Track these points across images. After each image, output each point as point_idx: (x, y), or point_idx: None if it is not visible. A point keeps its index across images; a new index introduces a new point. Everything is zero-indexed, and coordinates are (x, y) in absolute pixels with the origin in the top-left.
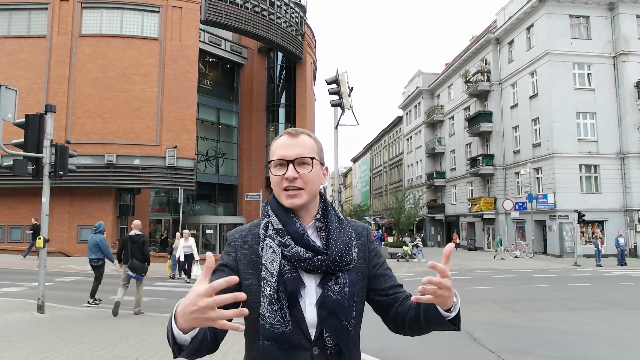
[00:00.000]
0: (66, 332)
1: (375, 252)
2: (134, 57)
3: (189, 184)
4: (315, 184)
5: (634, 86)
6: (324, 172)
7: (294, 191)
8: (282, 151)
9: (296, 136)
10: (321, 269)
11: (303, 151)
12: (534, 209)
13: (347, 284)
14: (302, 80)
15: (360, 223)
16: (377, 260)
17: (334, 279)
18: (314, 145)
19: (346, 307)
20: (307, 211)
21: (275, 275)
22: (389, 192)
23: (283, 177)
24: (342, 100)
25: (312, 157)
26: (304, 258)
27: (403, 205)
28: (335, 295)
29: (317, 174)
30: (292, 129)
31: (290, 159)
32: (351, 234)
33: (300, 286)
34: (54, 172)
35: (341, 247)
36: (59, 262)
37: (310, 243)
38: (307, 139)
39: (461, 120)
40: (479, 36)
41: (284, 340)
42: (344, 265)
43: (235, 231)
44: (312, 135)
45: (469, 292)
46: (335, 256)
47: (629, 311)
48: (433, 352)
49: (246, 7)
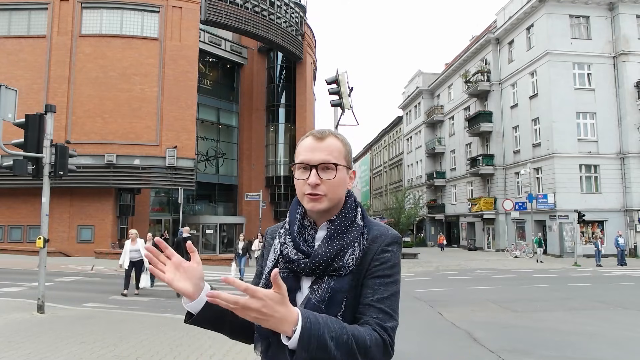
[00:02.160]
0: (66, 332)
1: (382, 261)
2: (134, 57)
3: (189, 184)
4: (338, 190)
5: (634, 86)
6: (350, 175)
7: (316, 196)
8: (305, 154)
9: (322, 139)
10: (305, 271)
11: (328, 156)
12: (534, 209)
13: (330, 289)
14: (302, 80)
15: (386, 230)
16: (376, 269)
17: (320, 283)
18: (341, 148)
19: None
20: (327, 213)
21: (267, 273)
22: (389, 192)
23: (306, 181)
24: (342, 100)
25: (337, 164)
26: (292, 259)
27: (403, 205)
28: (313, 300)
29: (342, 180)
30: (319, 131)
31: (314, 163)
32: (355, 240)
33: (292, 286)
34: (54, 172)
35: (329, 251)
36: (59, 262)
37: (301, 245)
38: (333, 141)
39: (461, 120)
40: (479, 36)
41: (269, 336)
42: (332, 271)
43: (270, 227)
44: (340, 136)
45: (469, 292)
46: (319, 260)
47: (629, 311)
48: (433, 352)
49: (246, 7)
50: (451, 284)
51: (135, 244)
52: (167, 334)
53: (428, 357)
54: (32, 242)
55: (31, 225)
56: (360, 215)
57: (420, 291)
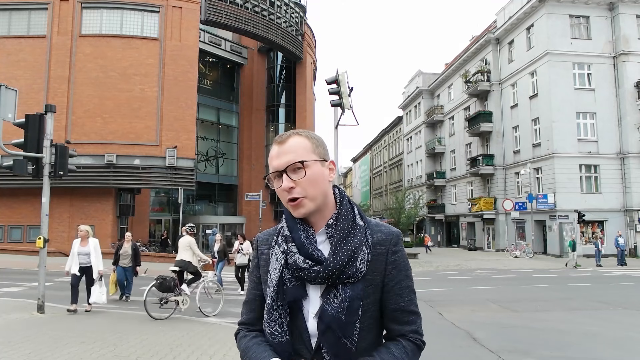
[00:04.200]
0: (66, 332)
1: (396, 264)
2: (134, 57)
3: (189, 184)
4: (316, 186)
5: (634, 86)
6: (328, 167)
7: (295, 201)
8: (274, 162)
9: (283, 142)
10: (317, 280)
11: (292, 157)
12: (534, 209)
13: (347, 298)
14: (302, 80)
15: (389, 229)
16: (395, 273)
17: (335, 292)
18: (307, 144)
19: (344, 324)
20: (321, 216)
21: (275, 284)
22: (389, 192)
23: (282, 188)
24: (342, 100)
25: (303, 161)
26: (301, 267)
27: (403, 205)
28: (332, 310)
29: (316, 175)
30: (280, 135)
31: (281, 168)
32: (362, 243)
33: (301, 295)
34: (54, 172)
35: (342, 258)
36: (59, 262)
37: (310, 252)
38: (296, 140)
39: (461, 120)
40: (479, 36)
41: (281, 350)
42: (345, 278)
43: (260, 235)
44: (303, 133)
45: (469, 292)
46: (333, 268)
47: (629, 311)
48: (433, 352)
49: (246, 7)
50: (451, 284)
51: (85, 244)
52: (167, 334)
53: (428, 357)
54: (32, 242)
55: (31, 225)
56: (358, 215)
57: (420, 291)
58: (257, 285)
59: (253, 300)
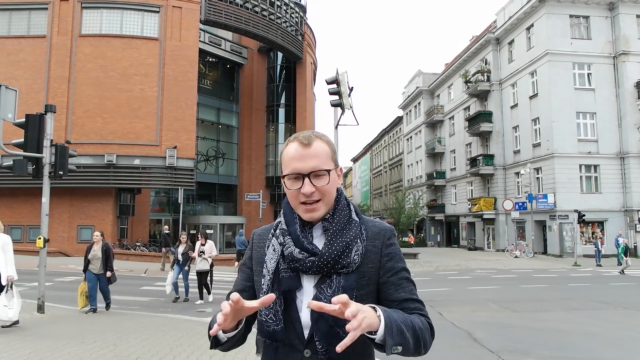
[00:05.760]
0: (66, 332)
1: (391, 256)
2: (134, 57)
3: (189, 184)
4: (332, 193)
5: (634, 86)
6: (338, 173)
7: (312, 205)
8: (295, 164)
9: (309, 145)
10: (312, 270)
11: (318, 163)
12: (534, 209)
13: (341, 288)
14: (302, 80)
15: (382, 225)
16: (391, 265)
17: (329, 281)
18: (328, 150)
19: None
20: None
21: (271, 273)
22: (389, 192)
23: (299, 191)
24: (342, 100)
25: (328, 170)
26: (297, 258)
27: (403, 205)
28: (325, 299)
29: (334, 182)
30: (304, 136)
31: (306, 172)
32: (357, 236)
33: (296, 285)
34: (54, 172)
35: (337, 248)
36: (59, 262)
37: (305, 244)
38: (320, 145)
39: (461, 120)
40: (479, 36)
41: (275, 338)
42: (339, 268)
43: (256, 230)
44: (324, 138)
45: (469, 292)
46: (327, 258)
47: (629, 311)
48: (433, 352)
49: (246, 7)
50: (451, 284)
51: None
52: (167, 334)
53: (428, 357)
54: (32, 242)
55: (31, 225)
56: (353, 211)
57: (420, 291)
58: (248, 277)
59: (242, 291)
